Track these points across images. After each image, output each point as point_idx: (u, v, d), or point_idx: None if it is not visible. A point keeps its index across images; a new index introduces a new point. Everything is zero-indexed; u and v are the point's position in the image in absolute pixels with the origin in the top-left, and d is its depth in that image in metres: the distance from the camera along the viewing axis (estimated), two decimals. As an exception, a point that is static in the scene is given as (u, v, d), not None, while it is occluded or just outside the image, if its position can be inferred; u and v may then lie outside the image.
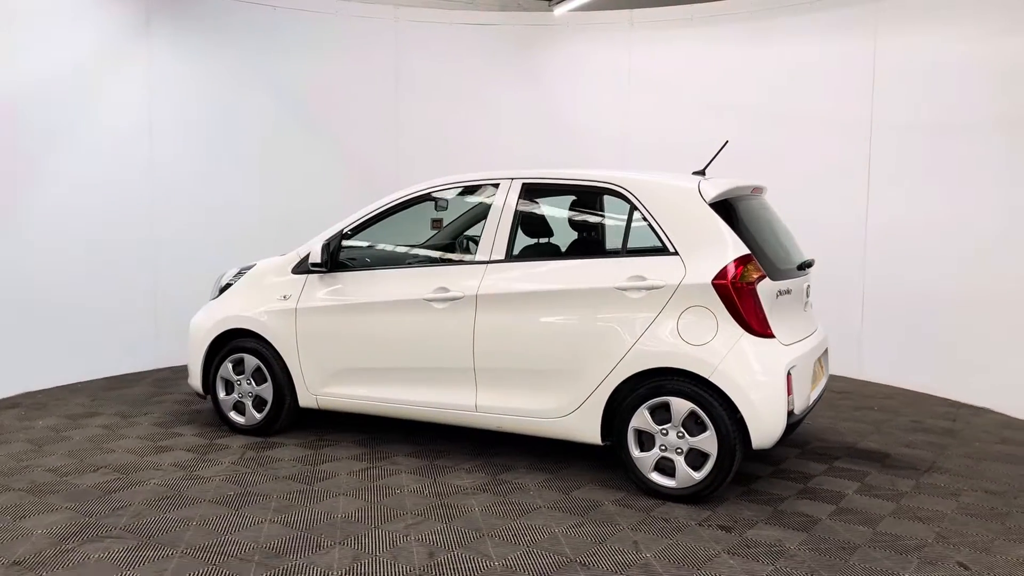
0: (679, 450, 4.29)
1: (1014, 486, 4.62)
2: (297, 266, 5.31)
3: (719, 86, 7.88)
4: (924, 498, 4.43)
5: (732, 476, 4.25)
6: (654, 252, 4.45)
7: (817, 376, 4.76)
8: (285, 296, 5.30)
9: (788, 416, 4.22)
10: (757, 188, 4.95)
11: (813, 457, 5.11)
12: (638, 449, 4.39)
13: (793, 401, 4.26)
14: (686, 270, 4.32)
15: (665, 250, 4.41)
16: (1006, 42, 6.15)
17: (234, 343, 5.44)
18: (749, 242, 4.39)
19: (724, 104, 7.79)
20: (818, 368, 4.78)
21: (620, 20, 8.42)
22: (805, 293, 4.93)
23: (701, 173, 4.87)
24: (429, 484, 4.57)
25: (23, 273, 6.48)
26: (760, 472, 4.79)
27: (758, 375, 4.17)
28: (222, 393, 5.52)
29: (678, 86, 8.15)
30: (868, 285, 7.12)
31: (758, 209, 4.88)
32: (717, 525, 4.03)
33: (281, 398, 5.33)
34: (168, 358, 7.35)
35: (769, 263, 4.48)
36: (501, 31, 8.64)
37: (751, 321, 4.22)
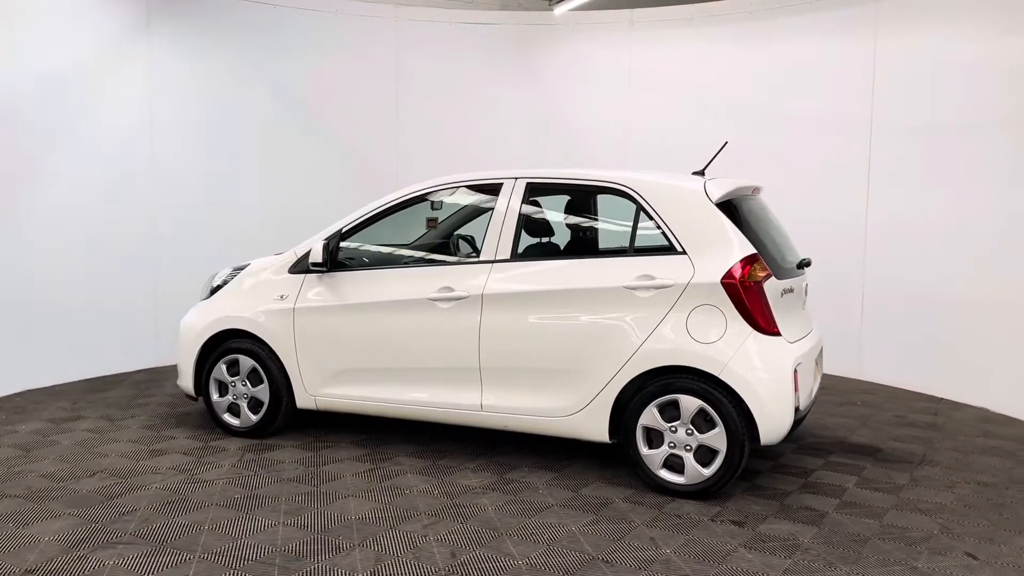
0: (688, 447, 4.34)
1: (1004, 478, 4.78)
2: (295, 265, 5.23)
3: (719, 86, 7.90)
4: (922, 491, 4.55)
5: (740, 472, 4.32)
6: (662, 251, 4.50)
7: (815, 373, 4.86)
8: (282, 296, 5.22)
9: (794, 412, 4.31)
10: (756, 188, 5.04)
11: (809, 452, 5.22)
12: (647, 446, 4.44)
13: (799, 397, 4.35)
14: (694, 269, 4.37)
15: (673, 249, 4.46)
16: (1008, 42, 6.13)
17: (228, 344, 5.35)
18: (754, 241, 4.47)
19: (724, 104, 7.82)
20: (816, 365, 4.88)
21: (620, 20, 8.44)
22: (804, 291, 5.04)
23: (701, 173, 4.92)
24: (437, 484, 4.56)
25: (23, 273, 6.38)
26: (761, 467, 4.88)
27: (766, 372, 4.25)
28: (215, 395, 5.42)
29: (678, 86, 8.17)
30: (868, 285, 7.15)
31: (758, 209, 4.96)
32: (729, 520, 4.09)
33: (278, 399, 5.25)
34: (168, 358, 7.15)
35: (773, 262, 4.56)
36: (501, 31, 8.63)
37: (759, 319, 4.29)
